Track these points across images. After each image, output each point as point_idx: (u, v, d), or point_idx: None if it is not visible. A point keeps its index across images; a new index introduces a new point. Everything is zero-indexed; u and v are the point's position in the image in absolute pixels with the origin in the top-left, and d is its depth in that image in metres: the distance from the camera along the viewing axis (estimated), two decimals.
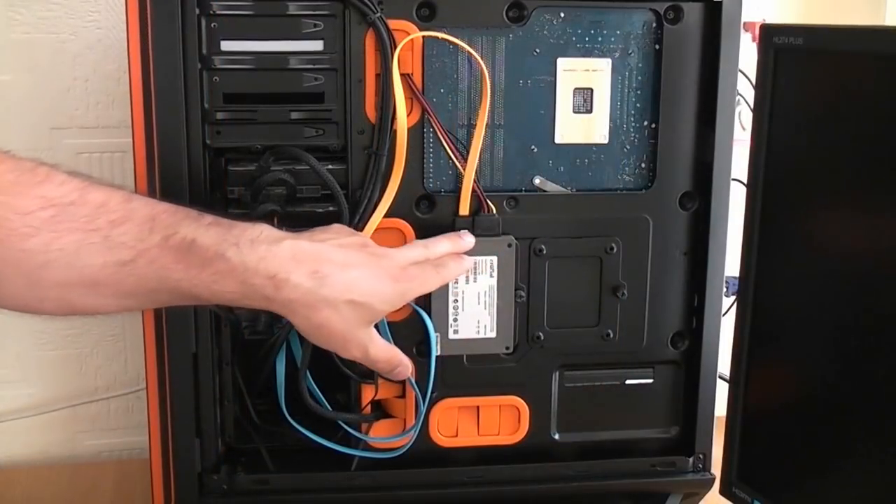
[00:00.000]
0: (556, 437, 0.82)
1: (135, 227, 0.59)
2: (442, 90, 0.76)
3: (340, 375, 0.77)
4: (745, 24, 0.83)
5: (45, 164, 0.58)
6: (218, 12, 0.72)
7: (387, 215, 0.75)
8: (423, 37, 0.74)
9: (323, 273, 0.64)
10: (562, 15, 0.76)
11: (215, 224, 0.62)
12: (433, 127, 0.76)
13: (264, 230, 0.64)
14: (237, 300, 0.63)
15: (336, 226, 0.72)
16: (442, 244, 0.74)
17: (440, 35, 0.74)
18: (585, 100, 0.77)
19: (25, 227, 0.56)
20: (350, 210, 0.74)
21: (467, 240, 0.75)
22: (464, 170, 0.76)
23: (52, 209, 0.57)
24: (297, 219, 0.73)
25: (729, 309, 0.84)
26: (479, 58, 0.75)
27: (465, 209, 0.77)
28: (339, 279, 0.64)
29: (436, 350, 0.77)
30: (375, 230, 0.75)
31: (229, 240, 0.62)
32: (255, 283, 0.62)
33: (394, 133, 0.74)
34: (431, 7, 0.74)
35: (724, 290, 0.81)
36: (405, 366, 0.72)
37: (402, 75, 0.74)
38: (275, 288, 0.62)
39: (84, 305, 0.60)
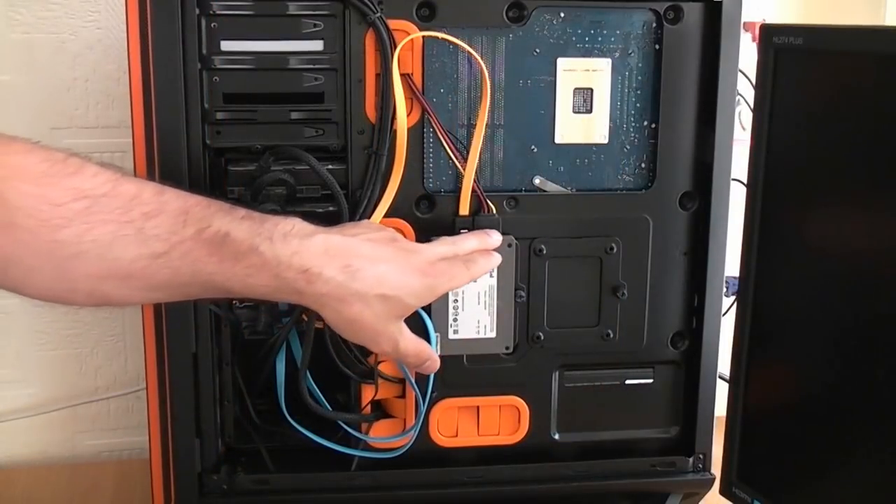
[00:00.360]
0: (556, 437, 0.82)
1: (168, 219, 0.59)
2: (442, 90, 0.76)
3: (340, 375, 0.77)
4: (745, 24, 0.83)
5: (77, 154, 0.58)
6: (218, 12, 0.72)
7: (387, 215, 0.75)
8: (423, 37, 0.74)
9: (354, 267, 0.64)
10: (562, 15, 0.76)
11: (248, 217, 0.63)
12: (433, 127, 0.76)
13: (296, 224, 0.64)
14: (269, 294, 0.63)
15: (365, 221, 0.73)
16: (470, 241, 0.74)
17: (440, 35, 0.74)
18: (585, 100, 0.77)
19: (58, 219, 0.56)
20: (350, 210, 0.74)
21: (494, 237, 0.75)
22: (464, 170, 0.76)
23: (85, 200, 0.56)
24: None
25: (729, 309, 0.84)
26: (479, 58, 0.75)
27: (465, 209, 0.77)
28: (370, 273, 0.65)
29: (436, 350, 0.77)
30: None
31: (262, 233, 0.62)
32: (287, 276, 0.62)
33: (394, 133, 0.74)
34: (431, 7, 0.74)
35: (724, 290, 0.81)
36: (434, 360, 0.73)
37: (402, 75, 0.74)
38: (307, 282, 0.63)
39: (115, 297, 0.60)
